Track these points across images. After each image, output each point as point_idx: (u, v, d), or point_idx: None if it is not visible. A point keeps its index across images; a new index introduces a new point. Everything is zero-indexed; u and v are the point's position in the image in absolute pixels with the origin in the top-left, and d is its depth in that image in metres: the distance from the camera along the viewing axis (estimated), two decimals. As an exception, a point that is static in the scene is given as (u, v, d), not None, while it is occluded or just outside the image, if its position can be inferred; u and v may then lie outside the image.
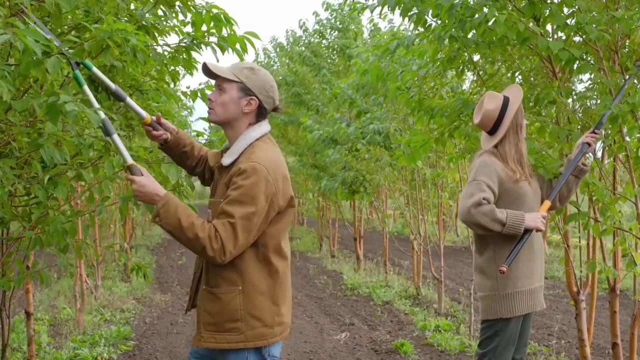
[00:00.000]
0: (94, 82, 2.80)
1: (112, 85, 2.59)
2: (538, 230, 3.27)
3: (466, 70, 4.52)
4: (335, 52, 12.44)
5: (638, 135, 3.87)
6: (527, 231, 3.25)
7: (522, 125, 3.43)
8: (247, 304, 2.43)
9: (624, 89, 3.50)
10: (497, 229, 3.21)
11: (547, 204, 3.36)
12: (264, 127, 2.56)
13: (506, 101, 3.40)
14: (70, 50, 2.44)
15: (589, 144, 3.43)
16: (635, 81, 3.65)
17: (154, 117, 2.72)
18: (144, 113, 2.68)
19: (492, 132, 3.42)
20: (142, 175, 2.41)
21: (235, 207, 2.35)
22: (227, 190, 2.41)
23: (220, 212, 2.38)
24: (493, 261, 3.34)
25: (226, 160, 2.52)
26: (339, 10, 12.26)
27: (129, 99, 2.64)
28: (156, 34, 3.15)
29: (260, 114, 2.55)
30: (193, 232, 2.34)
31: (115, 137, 2.43)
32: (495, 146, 3.39)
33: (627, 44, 3.74)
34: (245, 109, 2.52)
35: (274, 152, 2.52)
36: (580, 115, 4.01)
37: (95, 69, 2.54)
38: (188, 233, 2.34)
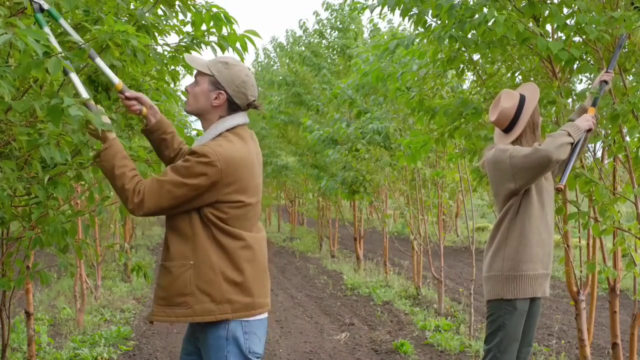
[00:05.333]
0: (94, 82, 2.79)
1: (80, 40, 2.53)
2: (590, 129, 3.32)
3: (466, 70, 4.53)
4: (335, 52, 12.44)
5: (638, 135, 3.87)
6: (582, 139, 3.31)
7: (538, 124, 3.48)
8: (197, 279, 2.47)
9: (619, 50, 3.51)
10: (569, 141, 3.25)
11: (592, 109, 3.42)
12: (237, 119, 2.57)
13: (522, 100, 3.43)
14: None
15: (606, 82, 3.47)
16: (635, 83, 3.66)
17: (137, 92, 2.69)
18: (115, 78, 2.61)
19: (507, 130, 3.46)
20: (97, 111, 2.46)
21: (171, 172, 2.44)
22: None
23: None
24: (504, 243, 3.41)
25: (195, 146, 2.55)
26: (339, 10, 12.26)
27: (99, 59, 2.56)
28: (156, 34, 3.14)
29: (231, 108, 2.57)
30: (121, 182, 2.43)
31: (73, 75, 2.45)
32: (512, 143, 3.43)
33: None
34: (214, 102, 2.55)
35: (241, 146, 2.52)
36: (580, 115, 4.01)
37: (62, 21, 2.49)
38: (117, 182, 2.44)
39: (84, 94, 2.45)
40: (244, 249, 2.52)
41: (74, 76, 2.47)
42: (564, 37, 3.83)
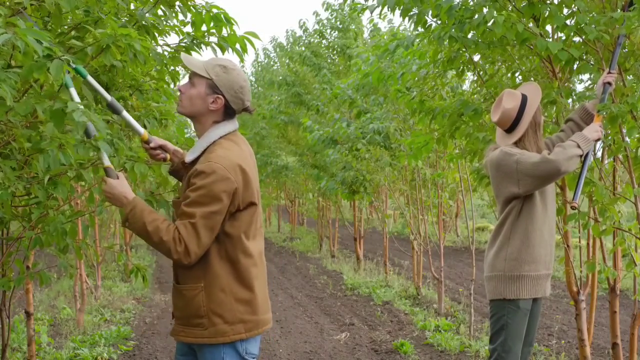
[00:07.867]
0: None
1: (108, 97, 2.54)
2: (599, 139, 3.35)
3: (466, 71, 4.53)
4: (335, 52, 12.45)
5: (637, 135, 3.87)
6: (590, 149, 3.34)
7: (540, 123, 3.48)
8: (209, 301, 2.46)
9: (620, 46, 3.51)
10: (579, 154, 3.27)
11: (598, 116, 3.42)
12: (230, 125, 2.56)
13: (524, 100, 3.43)
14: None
15: (610, 83, 3.46)
16: (634, 83, 3.66)
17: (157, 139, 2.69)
18: (141, 129, 2.63)
19: (509, 130, 3.46)
20: (117, 178, 2.44)
21: (195, 208, 2.37)
22: (187, 190, 2.43)
23: (181, 213, 2.41)
24: (507, 244, 3.43)
25: (189, 157, 2.54)
26: (339, 10, 12.26)
27: (125, 113, 2.59)
28: (156, 34, 3.15)
29: (227, 113, 2.54)
30: (158, 236, 2.38)
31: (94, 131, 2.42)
32: (515, 144, 3.44)
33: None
34: (211, 107, 2.52)
35: (238, 151, 2.51)
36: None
37: (90, 78, 2.47)
38: (154, 237, 2.39)
39: (106, 161, 2.46)
40: (253, 267, 2.53)
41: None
42: (563, 37, 3.83)
